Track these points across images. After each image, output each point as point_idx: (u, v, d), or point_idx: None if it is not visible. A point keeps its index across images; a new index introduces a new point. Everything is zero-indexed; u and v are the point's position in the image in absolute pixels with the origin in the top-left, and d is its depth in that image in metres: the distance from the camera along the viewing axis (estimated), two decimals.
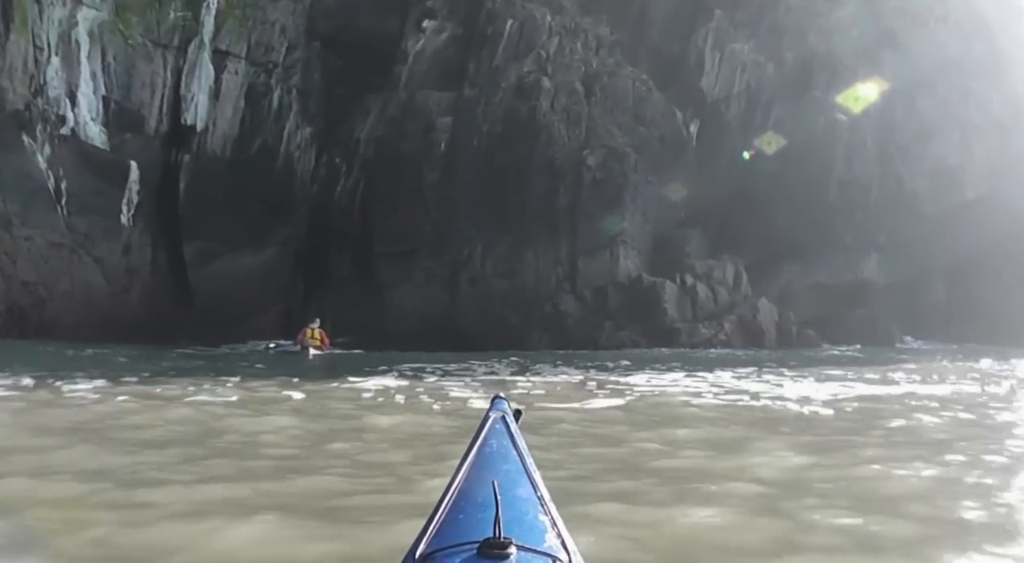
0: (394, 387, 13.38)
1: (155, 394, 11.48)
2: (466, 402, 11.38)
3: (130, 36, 29.64)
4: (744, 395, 13.36)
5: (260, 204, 31.73)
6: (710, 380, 16.27)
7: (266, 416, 9.84)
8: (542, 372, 18.11)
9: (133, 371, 14.76)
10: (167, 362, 18.47)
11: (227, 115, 31.75)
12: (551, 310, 30.45)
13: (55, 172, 27.26)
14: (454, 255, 31.86)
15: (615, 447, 8.19)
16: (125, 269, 28.84)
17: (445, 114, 32.26)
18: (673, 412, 11.41)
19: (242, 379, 14.05)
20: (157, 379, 13.58)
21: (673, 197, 33.55)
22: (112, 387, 12.00)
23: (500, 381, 14.75)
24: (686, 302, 31.34)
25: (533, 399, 11.97)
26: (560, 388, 14.54)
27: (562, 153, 31.48)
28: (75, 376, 12.95)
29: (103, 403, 10.48)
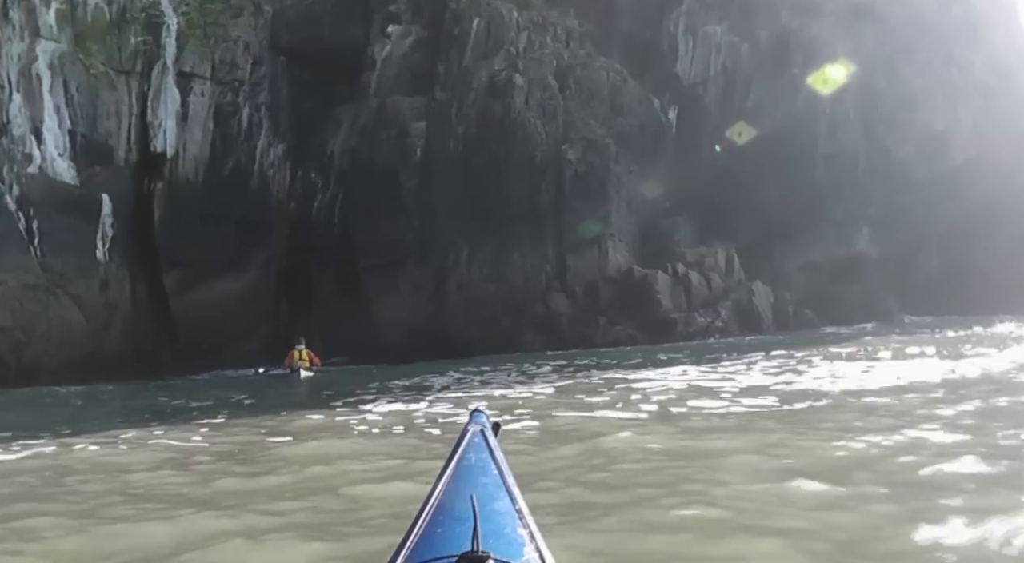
0: (387, 417, 12.58)
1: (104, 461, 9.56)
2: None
3: (92, 65, 28.91)
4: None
5: (237, 226, 31.00)
6: (741, 379, 15.52)
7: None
8: (541, 379, 17.47)
9: (98, 421, 13.64)
10: (143, 399, 17.76)
11: (196, 138, 31.04)
12: (543, 311, 29.84)
13: (25, 212, 26.55)
14: (439, 262, 31.26)
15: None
16: (104, 305, 28.10)
17: (418, 119, 31.62)
18: (725, 424, 10.33)
19: (227, 418, 13.25)
20: (123, 426, 12.61)
21: (655, 188, 32.92)
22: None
23: (509, 402, 13.80)
24: (679, 291, 30.77)
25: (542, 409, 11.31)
26: (582, 397, 13.68)
27: (541, 149, 30.87)
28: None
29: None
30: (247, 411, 14.37)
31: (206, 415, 13.53)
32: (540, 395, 13.95)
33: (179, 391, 20.02)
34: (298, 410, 13.41)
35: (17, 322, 24.67)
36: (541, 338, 28.79)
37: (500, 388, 15.88)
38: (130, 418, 13.68)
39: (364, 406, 13.32)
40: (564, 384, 15.82)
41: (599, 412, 11.28)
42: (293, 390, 20.17)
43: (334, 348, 28.37)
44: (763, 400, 11.76)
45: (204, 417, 13.23)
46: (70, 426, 12.34)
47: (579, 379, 16.74)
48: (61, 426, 12.30)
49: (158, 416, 13.85)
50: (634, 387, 14.23)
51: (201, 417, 13.26)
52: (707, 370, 16.72)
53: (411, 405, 13.25)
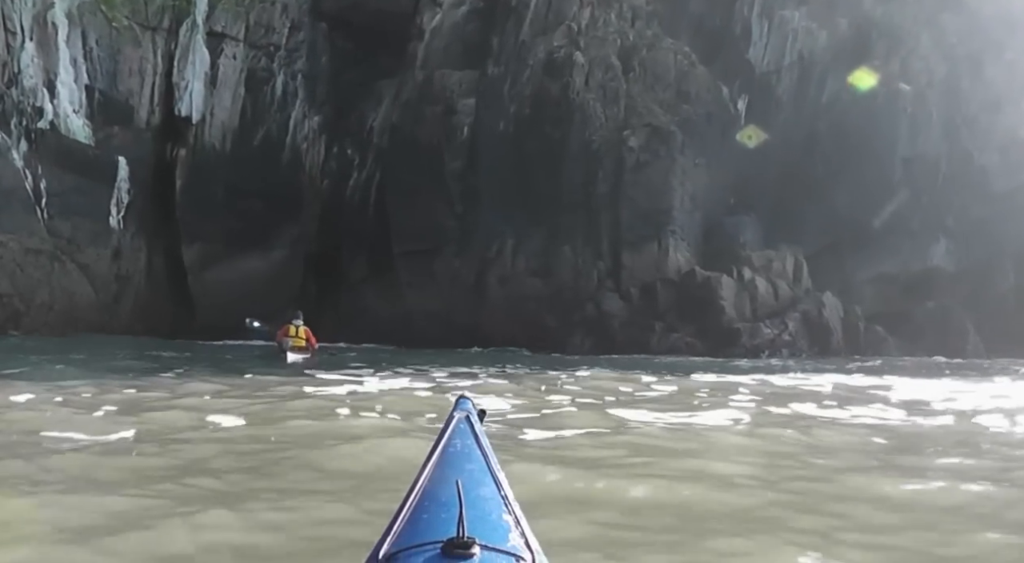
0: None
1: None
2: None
3: (114, 18, 26.69)
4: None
5: (265, 202, 28.98)
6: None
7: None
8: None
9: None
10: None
11: (225, 104, 28.92)
12: (593, 311, 27.17)
13: (32, 170, 24.24)
14: (481, 252, 28.83)
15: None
16: (115, 276, 25.83)
17: (467, 95, 29.14)
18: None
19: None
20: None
21: (721, 182, 30.17)
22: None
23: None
24: (744, 298, 27.93)
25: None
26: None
27: (599, 135, 28.22)
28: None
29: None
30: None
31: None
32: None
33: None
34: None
35: (16, 289, 22.27)
36: (590, 341, 26.17)
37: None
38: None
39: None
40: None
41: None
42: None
43: (363, 338, 26.05)
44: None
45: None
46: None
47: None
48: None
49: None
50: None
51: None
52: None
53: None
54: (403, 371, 15.08)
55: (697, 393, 11.82)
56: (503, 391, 11.54)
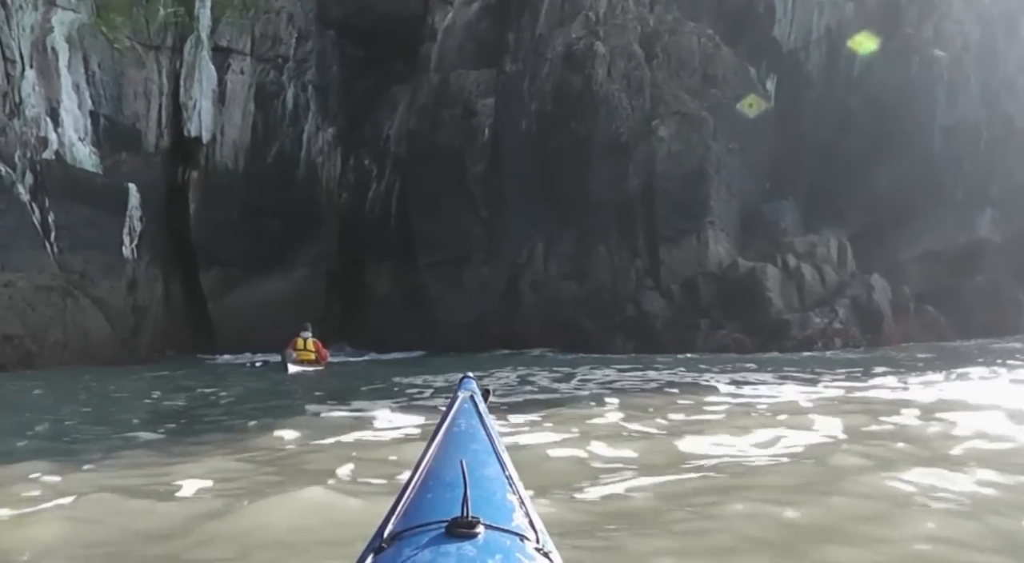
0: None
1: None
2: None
3: (116, 39, 25.59)
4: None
5: (283, 220, 28.01)
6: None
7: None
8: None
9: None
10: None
11: (236, 121, 27.83)
12: (634, 312, 25.89)
13: (40, 204, 23.11)
14: (511, 258, 27.67)
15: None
16: (132, 308, 24.73)
17: (485, 95, 27.96)
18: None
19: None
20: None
21: (756, 167, 28.86)
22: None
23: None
24: (791, 288, 26.58)
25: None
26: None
27: (627, 127, 26.96)
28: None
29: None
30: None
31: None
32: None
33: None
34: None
35: (27, 329, 21.11)
36: (632, 344, 24.89)
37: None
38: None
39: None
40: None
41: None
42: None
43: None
44: None
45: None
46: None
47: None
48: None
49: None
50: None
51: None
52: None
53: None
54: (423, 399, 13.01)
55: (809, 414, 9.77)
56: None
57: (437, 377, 16.47)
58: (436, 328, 27.39)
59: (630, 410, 10.16)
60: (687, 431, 8.51)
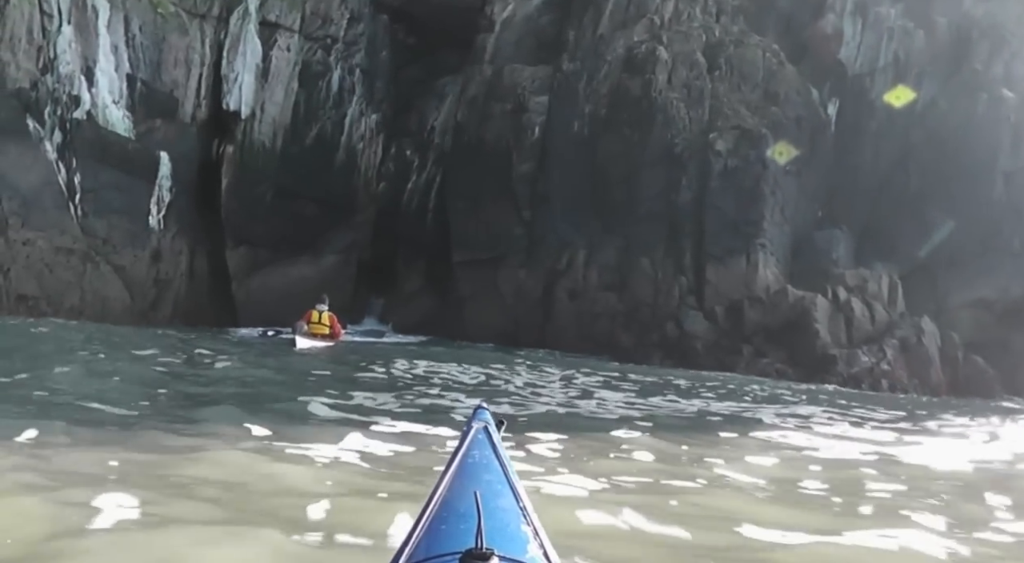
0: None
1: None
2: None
3: (160, 4, 24.63)
4: None
5: (317, 204, 27.19)
6: None
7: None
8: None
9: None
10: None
11: (277, 99, 26.82)
12: (674, 331, 24.71)
13: (67, 163, 22.09)
14: (550, 263, 26.60)
15: None
16: (154, 280, 23.73)
17: (539, 93, 26.90)
18: None
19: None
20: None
21: (812, 193, 27.72)
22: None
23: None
24: (839, 321, 25.32)
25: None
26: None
27: (683, 137, 25.85)
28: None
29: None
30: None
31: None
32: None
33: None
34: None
35: (43, 291, 20.10)
36: (669, 363, 23.71)
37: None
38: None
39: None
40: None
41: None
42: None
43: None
44: None
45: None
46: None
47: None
48: None
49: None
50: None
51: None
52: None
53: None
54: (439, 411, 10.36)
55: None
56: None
57: (461, 369, 15.12)
58: (465, 328, 26.33)
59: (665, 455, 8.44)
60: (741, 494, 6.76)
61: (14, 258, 19.53)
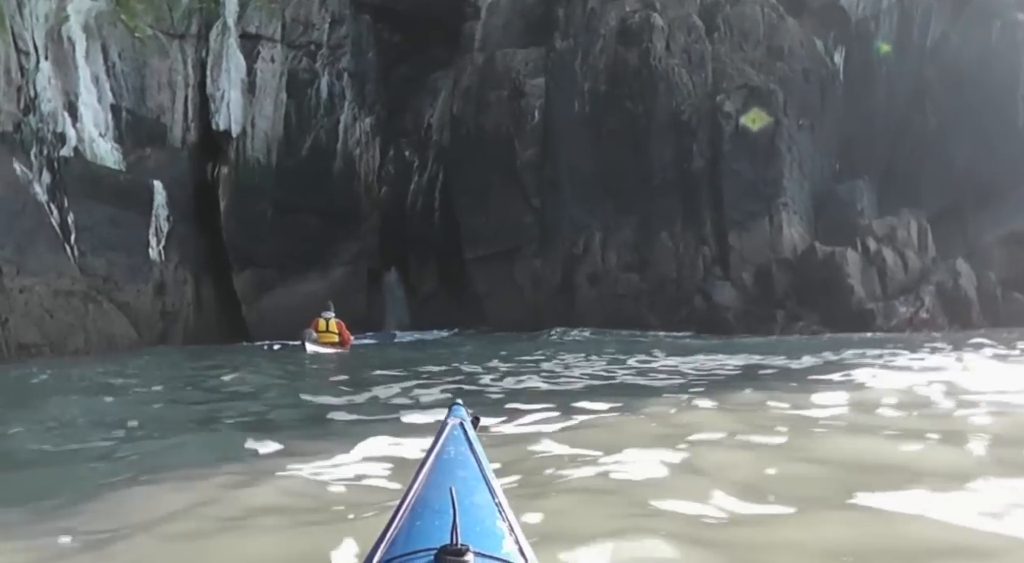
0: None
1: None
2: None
3: (136, 28, 23.91)
4: None
5: (319, 217, 26.47)
6: None
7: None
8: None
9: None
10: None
11: (267, 113, 26.09)
12: (702, 304, 23.79)
13: (58, 203, 21.41)
14: (566, 250, 25.71)
15: None
16: (161, 313, 23.02)
17: (535, 75, 25.98)
18: None
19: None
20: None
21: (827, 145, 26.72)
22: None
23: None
24: (871, 274, 24.36)
25: None
26: None
27: (689, 103, 24.89)
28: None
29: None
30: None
31: None
32: None
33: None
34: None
35: (45, 337, 19.32)
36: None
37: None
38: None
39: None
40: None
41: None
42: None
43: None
44: None
45: None
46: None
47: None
48: None
49: None
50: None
51: None
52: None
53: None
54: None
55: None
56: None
57: (484, 369, 13.95)
58: (485, 325, 25.56)
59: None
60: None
61: (11, 307, 18.75)
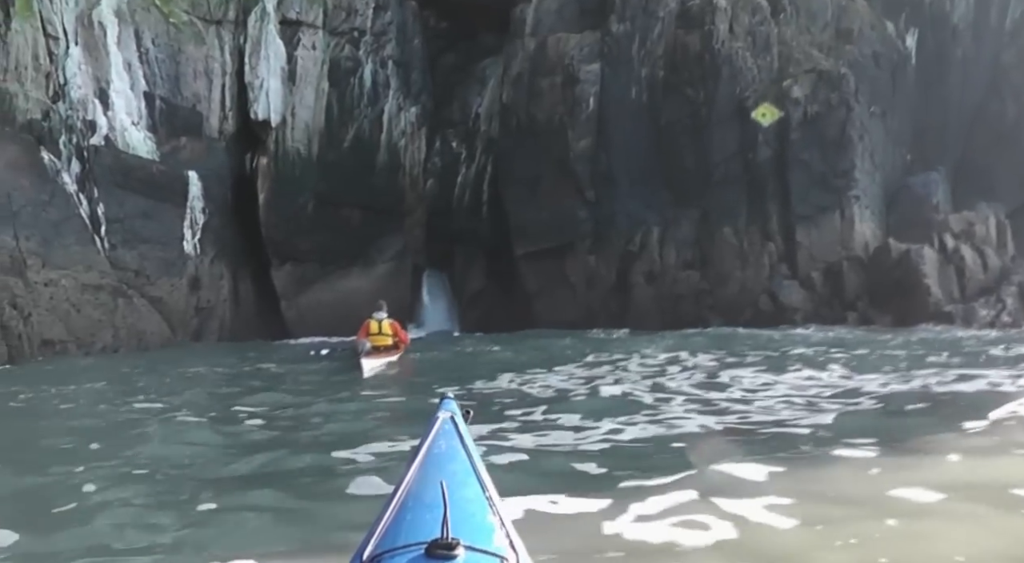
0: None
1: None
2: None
3: (171, 13, 22.77)
4: None
5: (362, 211, 25.31)
6: None
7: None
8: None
9: None
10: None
11: (308, 102, 24.92)
12: (767, 305, 22.38)
13: (88, 194, 20.29)
14: (622, 246, 24.45)
15: None
16: (196, 309, 21.93)
17: (589, 61, 24.66)
18: None
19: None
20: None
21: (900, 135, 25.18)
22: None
23: None
24: (949, 273, 22.81)
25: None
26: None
27: (753, 89, 23.47)
28: None
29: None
30: None
31: None
32: None
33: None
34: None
35: (71, 334, 18.23)
36: None
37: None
38: None
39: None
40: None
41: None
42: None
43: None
44: None
45: None
46: None
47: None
48: None
49: None
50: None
51: None
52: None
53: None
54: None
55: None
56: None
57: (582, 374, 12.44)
58: (536, 326, 24.16)
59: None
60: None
61: (36, 301, 17.67)
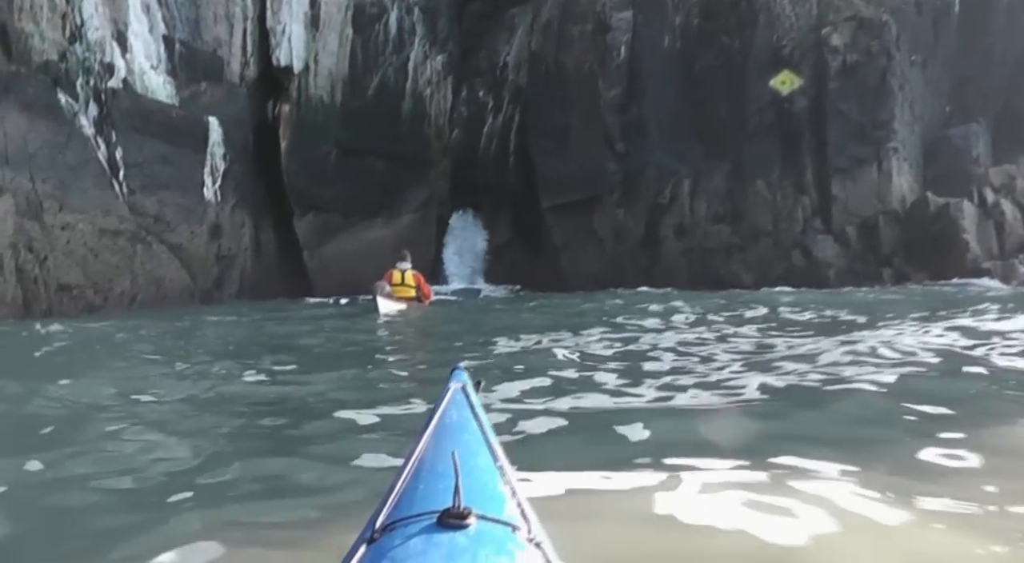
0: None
1: None
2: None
3: None
4: None
5: (386, 160, 24.84)
6: None
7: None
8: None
9: None
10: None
11: (332, 49, 24.37)
12: (800, 260, 21.73)
13: (106, 138, 19.80)
14: (651, 198, 23.71)
15: None
16: (216, 257, 21.53)
17: (622, 8, 23.87)
18: None
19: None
20: None
21: (941, 85, 24.39)
22: None
23: None
24: (988, 228, 22.09)
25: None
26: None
27: (791, 37, 22.65)
28: None
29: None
30: None
31: None
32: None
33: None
34: None
35: (88, 279, 17.84)
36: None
37: None
38: None
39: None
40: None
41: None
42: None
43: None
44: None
45: None
46: None
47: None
48: None
49: None
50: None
51: None
52: None
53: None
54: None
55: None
56: None
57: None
58: (563, 280, 23.62)
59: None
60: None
61: (52, 245, 17.27)
